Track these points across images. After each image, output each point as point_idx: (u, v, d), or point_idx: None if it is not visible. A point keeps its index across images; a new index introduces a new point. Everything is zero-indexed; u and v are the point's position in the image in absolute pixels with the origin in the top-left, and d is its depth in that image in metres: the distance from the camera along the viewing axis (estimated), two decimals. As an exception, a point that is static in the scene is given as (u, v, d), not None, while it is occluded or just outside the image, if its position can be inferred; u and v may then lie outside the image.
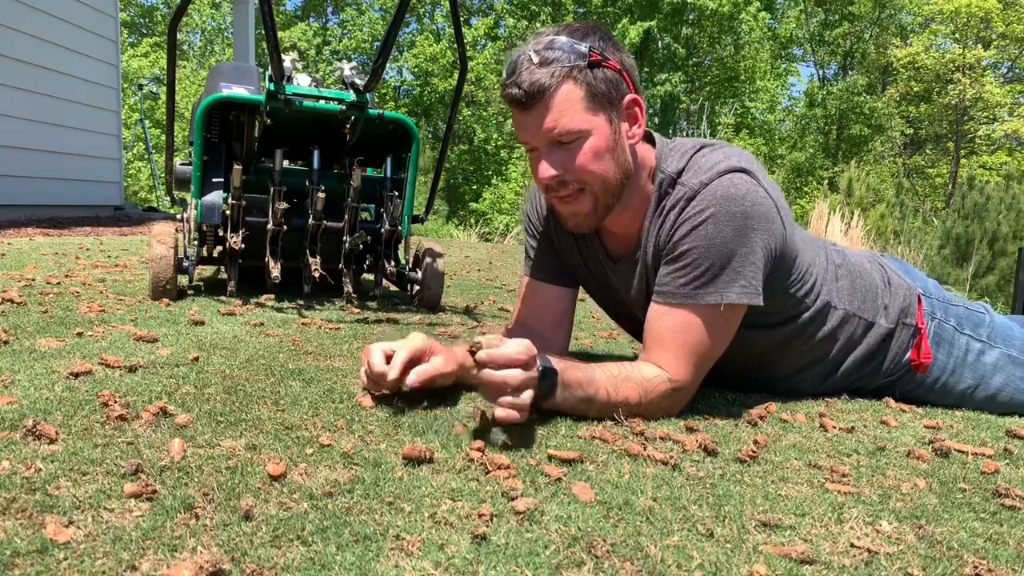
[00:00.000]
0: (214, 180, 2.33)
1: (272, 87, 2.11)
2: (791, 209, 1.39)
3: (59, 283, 2.35)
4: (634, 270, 1.41)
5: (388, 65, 2.96)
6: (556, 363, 1.19)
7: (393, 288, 2.78)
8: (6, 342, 1.48)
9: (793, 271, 1.36)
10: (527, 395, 1.09)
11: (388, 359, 1.22)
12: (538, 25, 20.29)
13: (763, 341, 1.44)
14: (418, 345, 1.25)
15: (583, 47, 1.21)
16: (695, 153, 1.32)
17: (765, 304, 1.29)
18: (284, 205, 2.17)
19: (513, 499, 0.88)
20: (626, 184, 1.31)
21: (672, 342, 1.28)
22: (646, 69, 20.16)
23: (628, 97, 1.27)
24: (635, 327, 1.63)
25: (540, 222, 1.55)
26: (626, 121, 1.28)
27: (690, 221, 1.26)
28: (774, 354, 1.48)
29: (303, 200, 2.32)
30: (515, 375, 1.07)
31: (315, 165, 2.28)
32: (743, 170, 1.27)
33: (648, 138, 1.38)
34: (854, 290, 1.48)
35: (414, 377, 1.21)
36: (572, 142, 1.24)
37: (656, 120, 19.74)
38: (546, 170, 1.26)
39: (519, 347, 1.09)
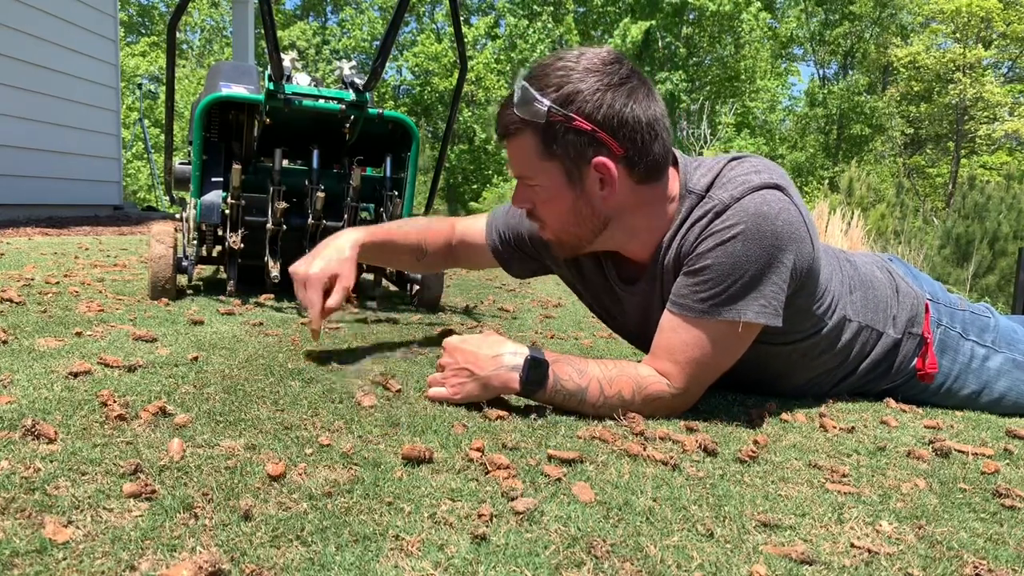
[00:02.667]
0: (213, 179, 2.32)
1: (271, 86, 2.11)
2: None
3: (58, 283, 2.35)
4: (652, 289, 1.37)
5: (388, 64, 2.96)
6: (549, 355, 1.23)
7: (392, 288, 2.78)
8: (5, 342, 1.48)
9: (817, 290, 1.33)
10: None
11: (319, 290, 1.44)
12: (539, 25, 20.30)
13: (782, 356, 1.43)
14: (331, 272, 1.45)
15: (543, 106, 1.18)
16: (724, 166, 1.29)
17: (787, 323, 1.27)
18: (283, 205, 2.17)
19: (513, 499, 0.88)
20: (612, 224, 1.30)
21: (682, 355, 1.26)
22: (647, 68, 20.16)
23: (595, 160, 1.21)
24: (638, 339, 1.61)
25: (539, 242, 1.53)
26: (596, 184, 1.24)
27: (717, 235, 1.22)
28: (792, 367, 1.47)
29: (302, 200, 2.31)
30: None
31: (315, 165, 2.28)
32: (776, 186, 1.23)
33: (672, 161, 1.32)
34: (867, 301, 1.46)
35: (334, 300, 1.44)
36: (530, 186, 1.29)
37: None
38: (516, 200, 1.35)
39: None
